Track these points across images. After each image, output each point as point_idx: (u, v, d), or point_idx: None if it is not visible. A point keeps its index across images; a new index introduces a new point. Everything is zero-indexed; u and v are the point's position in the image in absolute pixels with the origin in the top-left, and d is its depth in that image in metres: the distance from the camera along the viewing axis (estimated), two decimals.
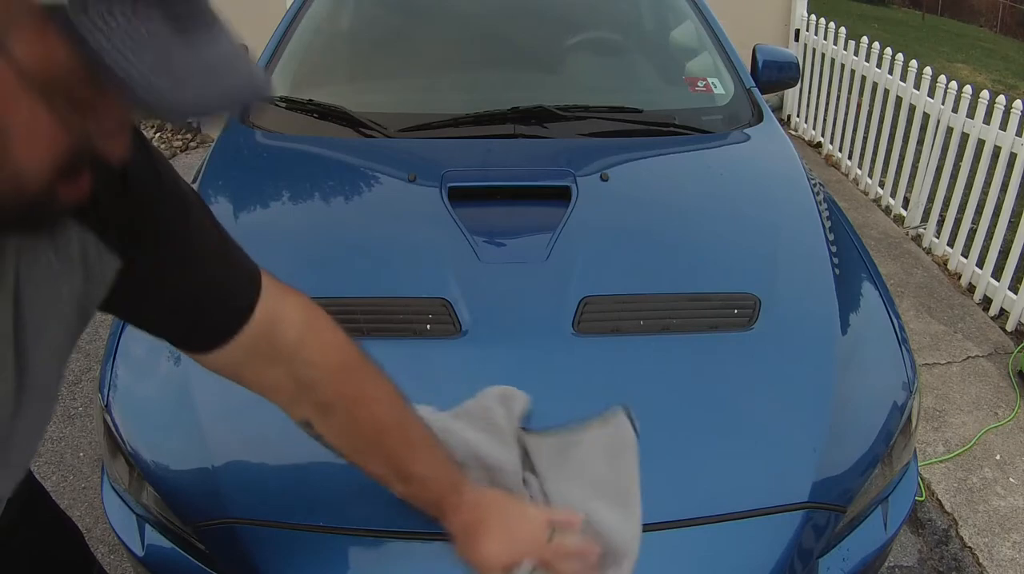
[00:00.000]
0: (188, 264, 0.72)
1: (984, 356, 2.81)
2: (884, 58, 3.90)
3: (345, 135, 1.92)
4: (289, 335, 0.78)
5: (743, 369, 1.33)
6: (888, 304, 1.55)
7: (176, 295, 0.72)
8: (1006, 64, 9.47)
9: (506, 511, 0.89)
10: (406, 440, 0.85)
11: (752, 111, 2.10)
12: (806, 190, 1.77)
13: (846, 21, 5.63)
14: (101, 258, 0.65)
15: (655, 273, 1.51)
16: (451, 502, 0.87)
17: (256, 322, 0.75)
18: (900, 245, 3.62)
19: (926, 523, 2.11)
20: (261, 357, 0.77)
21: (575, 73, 2.26)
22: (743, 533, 1.12)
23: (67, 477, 2.18)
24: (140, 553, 1.26)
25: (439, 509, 0.88)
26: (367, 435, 0.83)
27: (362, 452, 0.83)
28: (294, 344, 0.78)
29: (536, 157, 1.86)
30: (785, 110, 5.21)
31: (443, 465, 0.88)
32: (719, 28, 2.37)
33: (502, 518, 0.88)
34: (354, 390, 0.82)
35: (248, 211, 1.68)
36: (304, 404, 0.80)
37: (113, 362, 1.36)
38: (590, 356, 1.32)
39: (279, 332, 0.77)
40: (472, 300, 1.39)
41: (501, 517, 0.88)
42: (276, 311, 0.77)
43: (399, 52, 2.30)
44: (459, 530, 0.88)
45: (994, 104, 3.06)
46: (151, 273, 0.70)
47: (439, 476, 0.87)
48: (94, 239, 0.64)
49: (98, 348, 2.70)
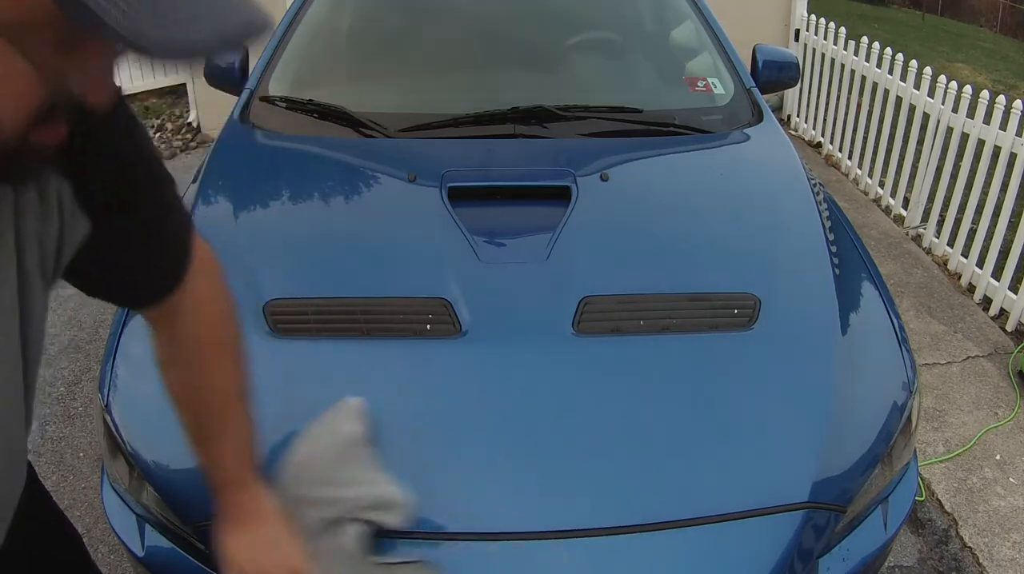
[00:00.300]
0: (151, 230, 0.74)
1: (984, 356, 2.81)
2: (884, 58, 3.90)
3: (345, 135, 1.92)
4: (188, 303, 0.83)
5: (743, 369, 1.33)
6: (888, 304, 1.55)
7: (131, 259, 0.75)
8: (1006, 64, 9.47)
9: (268, 529, 0.94)
10: (224, 426, 0.90)
11: (752, 111, 2.10)
12: (806, 190, 1.77)
13: (846, 21, 5.63)
14: (75, 215, 0.66)
15: (655, 273, 1.51)
16: (230, 491, 0.92)
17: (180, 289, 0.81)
18: (900, 245, 3.62)
19: (926, 523, 2.11)
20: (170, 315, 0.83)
21: (575, 73, 2.26)
22: (743, 533, 1.12)
23: (67, 477, 2.18)
24: (140, 553, 1.26)
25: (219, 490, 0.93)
26: (194, 402, 0.88)
27: (185, 413, 0.89)
28: (187, 311, 0.84)
29: (536, 157, 1.86)
30: (785, 110, 5.21)
31: (244, 463, 0.93)
32: (719, 28, 2.37)
33: (263, 534, 0.93)
34: (203, 363, 0.87)
35: (248, 211, 1.68)
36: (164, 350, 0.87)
37: (113, 362, 1.36)
38: (590, 356, 1.32)
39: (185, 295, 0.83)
40: (472, 300, 1.39)
41: (262, 532, 0.93)
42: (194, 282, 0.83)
43: (399, 52, 2.30)
44: (224, 518, 0.93)
45: (994, 104, 3.06)
46: (116, 234, 0.71)
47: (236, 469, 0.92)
48: (70, 194, 0.65)
49: (98, 348, 2.70)
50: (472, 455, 1.18)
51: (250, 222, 1.65)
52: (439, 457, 1.17)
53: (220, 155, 1.89)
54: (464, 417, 1.23)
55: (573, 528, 1.09)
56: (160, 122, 4.96)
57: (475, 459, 1.18)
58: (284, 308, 1.39)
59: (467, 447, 1.19)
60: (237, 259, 1.51)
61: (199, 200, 1.69)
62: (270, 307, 1.39)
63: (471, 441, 1.20)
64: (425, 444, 1.18)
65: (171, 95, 5.38)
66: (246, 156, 1.93)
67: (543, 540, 1.09)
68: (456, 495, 1.13)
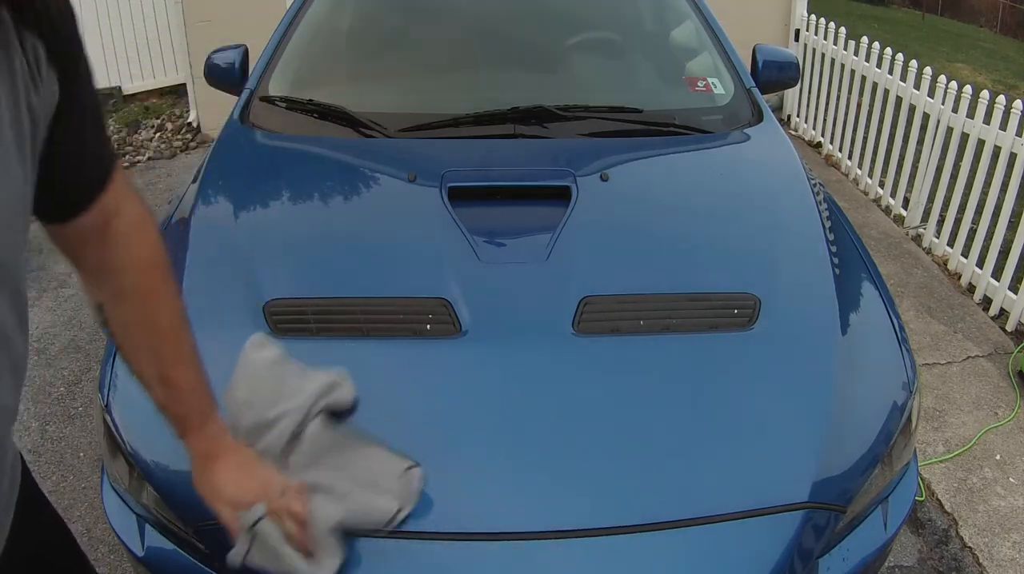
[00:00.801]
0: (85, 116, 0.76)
1: (984, 356, 2.81)
2: (884, 58, 3.90)
3: (345, 135, 1.92)
4: (121, 226, 0.85)
5: (743, 369, 1.33)
6: (888, 304, 1.55)
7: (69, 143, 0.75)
8: (1006, 64, 9.47)
9: (243, 455, 0.99)
10: (178, 350, 0.92)
11: (752, 111, 2.10)
12: (806, 190, 1.77)
13: (846, 21, 5.63)
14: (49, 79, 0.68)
15: (655, 273, 1.51)
16: (195, 424, 0.95)
17: (106, 199, 0.82)
18: (900, 245, 3.62)
19: (926, 523, 2.11)
20: (97, 237, 0.83)
21: (575, 73, 2.26)
22: (743, 533, 1.12)
23: (67, 477, 2.18)
24: (140, 553, 1.26)
25: (184, 427, 0.95)
26: (145, 331, 0.89)
27: (137, 348, 0.90)
28: (122, 235, 0.85)
29: (536, 157, 1.86)
30: (785, 110, 5.21)
31: (201, 389, 0.95)
32: (719, 28, 2.37)
33: (239, 460, 0.97)
34: (149, 287, 0.89)
35: (248, 211, 1.68)
36: (105, 287, 0.87)
37: (113, 362, 1.36)
38: (590, 356, 1.32)
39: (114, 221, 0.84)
40: (472, 300, 1.39)
41: (238, 459, 0.97)
42: (120, 198, 0.84)
43: (399, 52, 2.30)
44: (197, 457, 0.96)
45: (994, 104, 3.06)
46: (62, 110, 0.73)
47: (195, 395, 0.94)
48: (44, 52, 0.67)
49: (98, 348, 2.70)
50: (472, 455, 1.18)
51: (250, 222, 1.65)
52: (439, 457, 1.16)
53: (220, 155, 1.89)
54: (464, 417, 1.23)
55: (573, 528, 1.09)
56: (160, 122, 4.96)
57: (475, 459, 1.18)
58: (284, 308, 1.39)
59: (467, 447, 1.19)
60: (237, 259, 1.51)
61: (199, 200, 1.69)
62: (270, 307, 1.39)
63: (471, 441, 1.20)
64: (425, 444, 1.18)
65: (171, 95, 5.38)
66: (246, 156, 1.93)
67: (543, 540, 1.09)
68: (456, 495, 1.13)
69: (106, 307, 0.88)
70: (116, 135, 4.78)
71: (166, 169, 4.37)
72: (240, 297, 1.40)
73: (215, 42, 2.58)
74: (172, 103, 5.29)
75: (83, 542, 1.22)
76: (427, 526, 1.09)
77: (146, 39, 5.23)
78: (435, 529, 1.09)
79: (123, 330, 0.89)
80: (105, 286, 0.87)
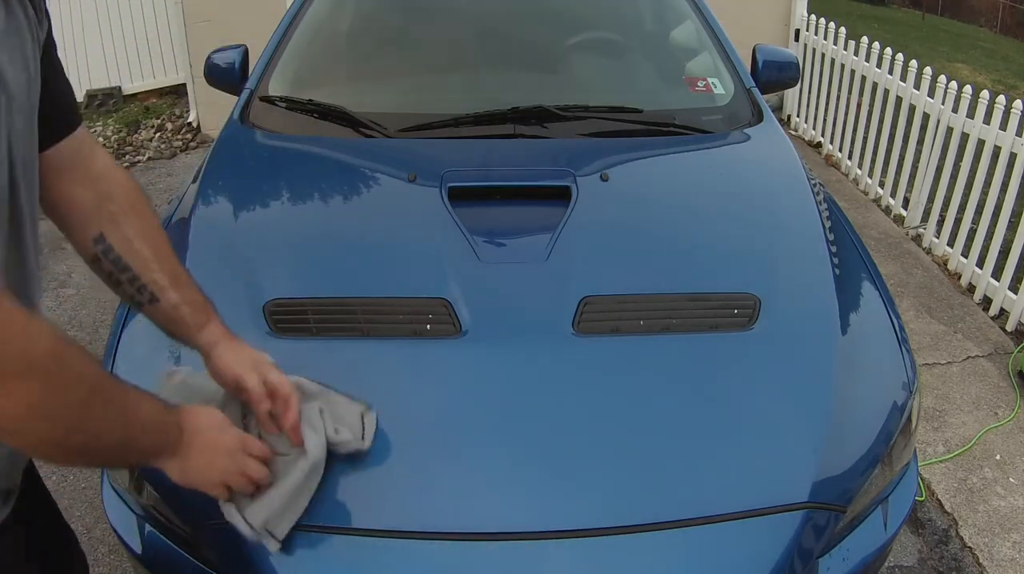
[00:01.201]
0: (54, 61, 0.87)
1: (984, 356, 2.81)
2: (884, 58, 3.90)
3: (345, 135, 1.92)
4: (98, 164, 0.96)
5: (743, 369, 1.33)
6: (888, 304, 1.55)
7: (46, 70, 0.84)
8: (1006, 64, 9.47)
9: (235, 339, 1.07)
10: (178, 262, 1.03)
11: (752, 111, 2.10)
12: (806, 190, 1.77)
13: (846, 21, 5.63)
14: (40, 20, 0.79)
15: (655, 273, 1.51)
16: (201, 321, 1.03)
17: (81, 136, 0.94)
18: (900, 245, 3.62)
19: (926, 523, 2.11)
20: (77, 170, 0.94)
21: (575, 73, 2.26)
22: (743, 533, 1.12)
23: (67, 477, 2.18)
24: (140, 553, 1.26)
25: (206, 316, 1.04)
26: (150, 239, 0.99)
27: (146, 260, 0.98)
28: (100, 170, 0.97)
29: (536, 157, 1.86)
30: (785, 110, 5.21)
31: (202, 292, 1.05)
32: (719, 28, 2.37)
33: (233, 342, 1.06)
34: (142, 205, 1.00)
35: (248, 211, 1.68)
36: (102, 215, 0.96)
37: (113, 362, 1.36)
38: (590, 356, 1.32)
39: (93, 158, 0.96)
40: (472, 300, 1.39)
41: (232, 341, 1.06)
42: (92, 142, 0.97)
43: (399, 52, 2.30)
44: (205, 348, 1.04)
45: (994, 104, 3.07)
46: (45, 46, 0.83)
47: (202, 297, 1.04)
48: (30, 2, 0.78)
49: (98, 348, 2.69)
50: (472, 455, 1.18)
51: (250, 222, 1.65)
52: (439, 457, 1.17)
53: (220, 155, 1.90)
54: (464, 417, 1.22)
55: (573, 528, 1.09)
56: (160, 122, 4.96)
57: (475, 459, 1.18)
58: (284, 308, 1.39)
59: (467, 447, 1.19)
60: (237, 259, 1.52)
61: (199, 200, 1.69)
62: (270, 307, 1.39)
63: (471, 441, 1.20)
64: (425, 444, 1.18)
65: (171, 95, 5.39)
66: (246, 156, 1.93)
67: (543, 540, 1.08)
68: (456, 495, 1.13)
69: (107, 232, 0.95)
70: (116, 135, 4.79)
71: (166, 169, 4.38)
72: (240, 297, 1.40)
73: (215, 42, 2.58)
74: (172, 103, 5.30)
75: (83, 542, 1.21)
76: (427, 526, 1.09)
77: (146, 39, 5.23)
78: (435, 529, 1.09)
79: (129, 246, 0.96)
80: (103, 212, 0.95)
